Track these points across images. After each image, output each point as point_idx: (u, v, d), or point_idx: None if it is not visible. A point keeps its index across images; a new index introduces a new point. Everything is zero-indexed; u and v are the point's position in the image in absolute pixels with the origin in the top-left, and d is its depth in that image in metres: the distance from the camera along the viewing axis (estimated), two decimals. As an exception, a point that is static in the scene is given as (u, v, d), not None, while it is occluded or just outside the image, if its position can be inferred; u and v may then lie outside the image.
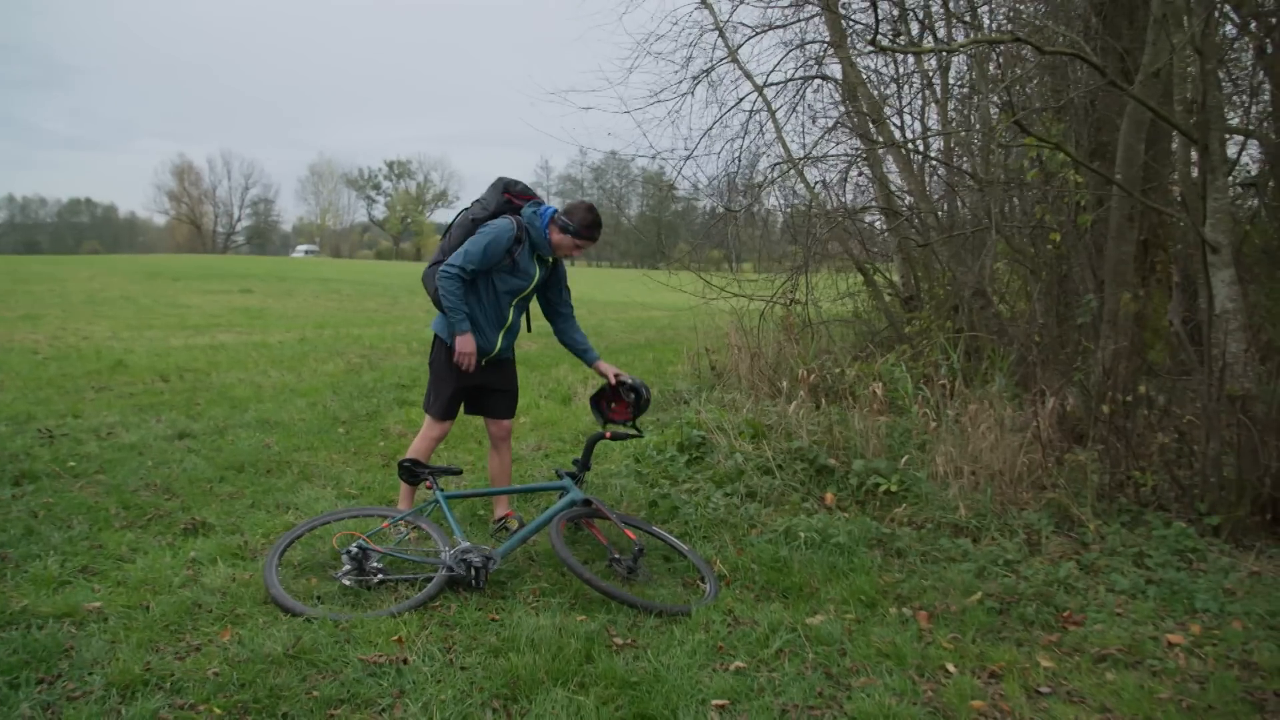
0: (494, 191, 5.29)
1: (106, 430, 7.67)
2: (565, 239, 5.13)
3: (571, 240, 5.13)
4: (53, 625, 3.95)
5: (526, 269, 5.16)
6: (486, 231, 5.04)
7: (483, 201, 5.29)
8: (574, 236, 5.11)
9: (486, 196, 5.31)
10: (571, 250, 5.19)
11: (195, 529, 5.33)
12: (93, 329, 15.88)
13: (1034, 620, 4.28)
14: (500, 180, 5.32)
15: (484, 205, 5.26)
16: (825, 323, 9.69)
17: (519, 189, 5.30)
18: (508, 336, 5.33)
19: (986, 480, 5.58)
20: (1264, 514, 5.18)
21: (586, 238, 5.15)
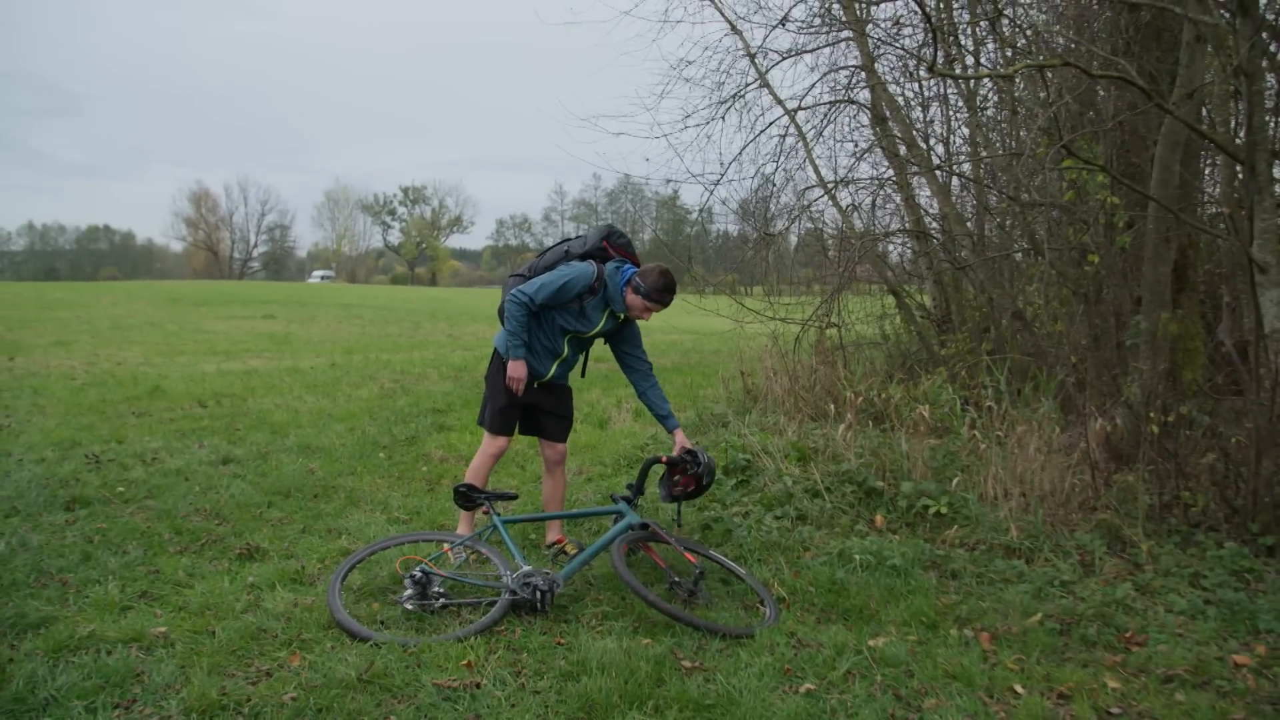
0: (596, 234, 5.46)
1: (151, 455, 7.77)
2: (637, 300, 5.20)
3: (642, 302, 5.20)
4: (121, 650, 4.01)
5: (592, 317, 5.26)
6: (566, 272, 5.17)
7: (584, 239, 5.49)
8: (644, 298, 5.18)
9: (589, 235, 5.49)
10: (643, 312, 5.25)
11: (250, 554, 5.41)
12: (125, 355, 16.05)
13: (1096, 641, 4.30)
14: (606, 226, 5.49)
15: (583, 243, 5.44)
16: (859, 345, 9.74)
17: (619, 242, 5.43)
18: (562, 367, 5.46)
19: (1036, 501, 5.61)
20: (1318, 533, 5.19)
21: (656, 301, 5.20)
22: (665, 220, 76.39)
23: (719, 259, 14.03)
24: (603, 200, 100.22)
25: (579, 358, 5.58)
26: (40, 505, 6.13)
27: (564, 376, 5.56)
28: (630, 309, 5.24)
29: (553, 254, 5.45)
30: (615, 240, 5.40)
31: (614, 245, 5.39)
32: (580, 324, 5.28)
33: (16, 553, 5.22)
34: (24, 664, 3.82)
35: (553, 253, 5.47)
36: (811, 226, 11.37)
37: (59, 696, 3.57)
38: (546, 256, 5.46)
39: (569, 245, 5.47)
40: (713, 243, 16.80)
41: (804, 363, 9.28)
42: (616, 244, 5.40)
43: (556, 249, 5.50)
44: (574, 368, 5.61)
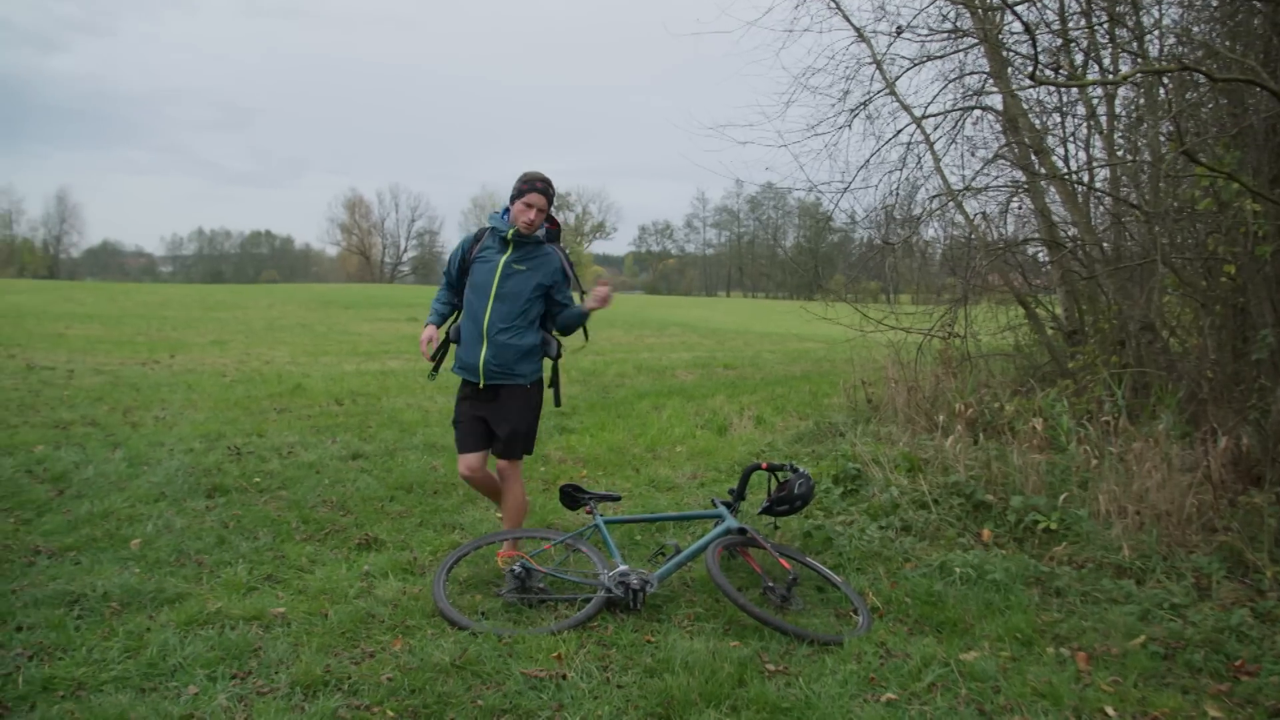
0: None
1: (287, 449, 8.23)
2: (515, 206, 5.18)
3: (517, 205, 5.17)
4: (243, 626, 4.34)
5: (489, 255, 5.24)
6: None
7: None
8: (514, 200, 5.19)
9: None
10: (524, 214, 5.15)
11: (368, 544, 5.71)
12: (274, 354, 16.96)
13: (1202, 668, 4.14)
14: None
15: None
16: (984, 356, 9.53)
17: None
18: (494, 351, 5.16)
19: (1152, 521, 5.42)
20: None
21: (526, 193, 5.16)
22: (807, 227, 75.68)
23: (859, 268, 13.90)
24: (744, 207, 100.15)
25: (509, 326, 5.17)
26: (185, 492, 6.61)
27: (507, 366, 5.21)
28: (514, 222, 5.17)
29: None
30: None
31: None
32: (483, 269, 5.20)
33: (161, 534, 5.67)
34: (159, 633, 4.18)
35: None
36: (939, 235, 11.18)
37: (185, 664, 3.90)
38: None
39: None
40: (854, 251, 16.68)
41: (925, 373, 9.15)
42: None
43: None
44: (520, 352, 5.20)
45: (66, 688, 3.67)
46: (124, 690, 3.67)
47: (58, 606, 4.47)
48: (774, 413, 11.25)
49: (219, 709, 3.54)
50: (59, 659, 3.92)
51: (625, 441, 9.30)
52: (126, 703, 3.54)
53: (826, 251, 21.89)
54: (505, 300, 5.16)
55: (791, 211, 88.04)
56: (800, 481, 5.16)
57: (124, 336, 19.98)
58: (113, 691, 3.65)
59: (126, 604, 4.56)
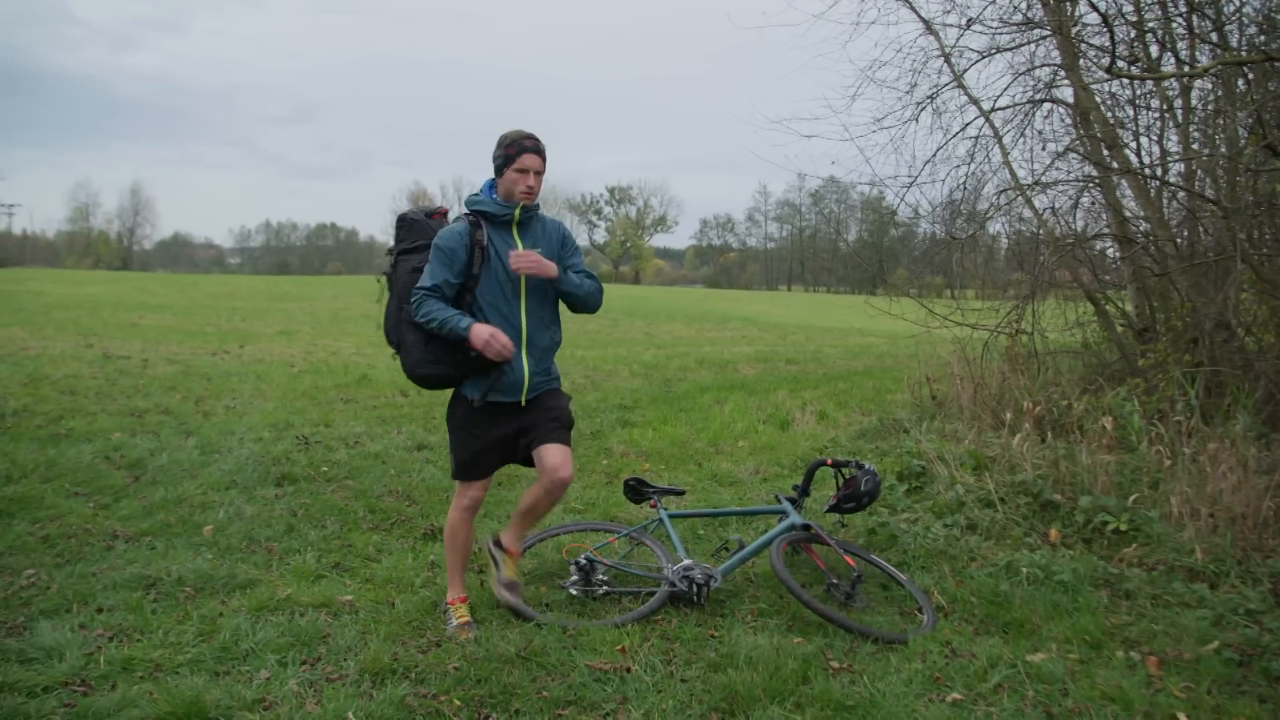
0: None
1: (354, 439, 8.38)
2: (505, 179, 4.27)
3: (509, 173, 4.24)
4: (312, 613, 4.45)
5: (512, 244, 4.30)
6: (436, 240, 4.31)
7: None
8: (506, 168, 4.24)
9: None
10: (523, 181, 4.23)
11: (433, 534, 5.81)
12: (339, 345, 17.25)
13: (1279, 676, 4.06)
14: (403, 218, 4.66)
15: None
16: (1052, 353, 9.38)
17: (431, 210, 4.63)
18: (535, 357, 4.39)
19: (1226, 524, 5.30)
20: None
21: (516, 155, 4.22)
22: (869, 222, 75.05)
23: (922, 262, 13.76)
24: (806, 201, 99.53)
25: (546, 326, 4.43)
26: (255, 480, 6.77)
27: (548, 370, 4.51)
28: (512, 194, 4.25)
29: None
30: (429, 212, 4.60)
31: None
32: (499, 265, 4.27)
33: (233, 521, 5.82)
34: (231, 619, 4.30)
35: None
36: (1007, 230, 11.02)
37: (257, 649, 4.01)
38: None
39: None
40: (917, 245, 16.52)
41: (991, 369, 9.02)
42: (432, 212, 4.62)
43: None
44: (555, 351, 4.55)
45: (145, 669, 3.80)
46: (199, 673, 3.78)
47: (135, 590, 4.63)
48: (837, 408, 11.19)
49: (290, 694, 3.64)
50: (137, 640, 4.06)
51: (687, 435, 9.32)
52: (201, 685, 3.65)
53: (890, 246, 21.66)
54: (535, 295, 4.36)
55: (854, 205, 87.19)
56: (867, 478, 5.13)
57: (194, 327, 20.47)
58: (188, 674, 3.77)
59: (200, 589, 4.71)
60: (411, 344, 4.30)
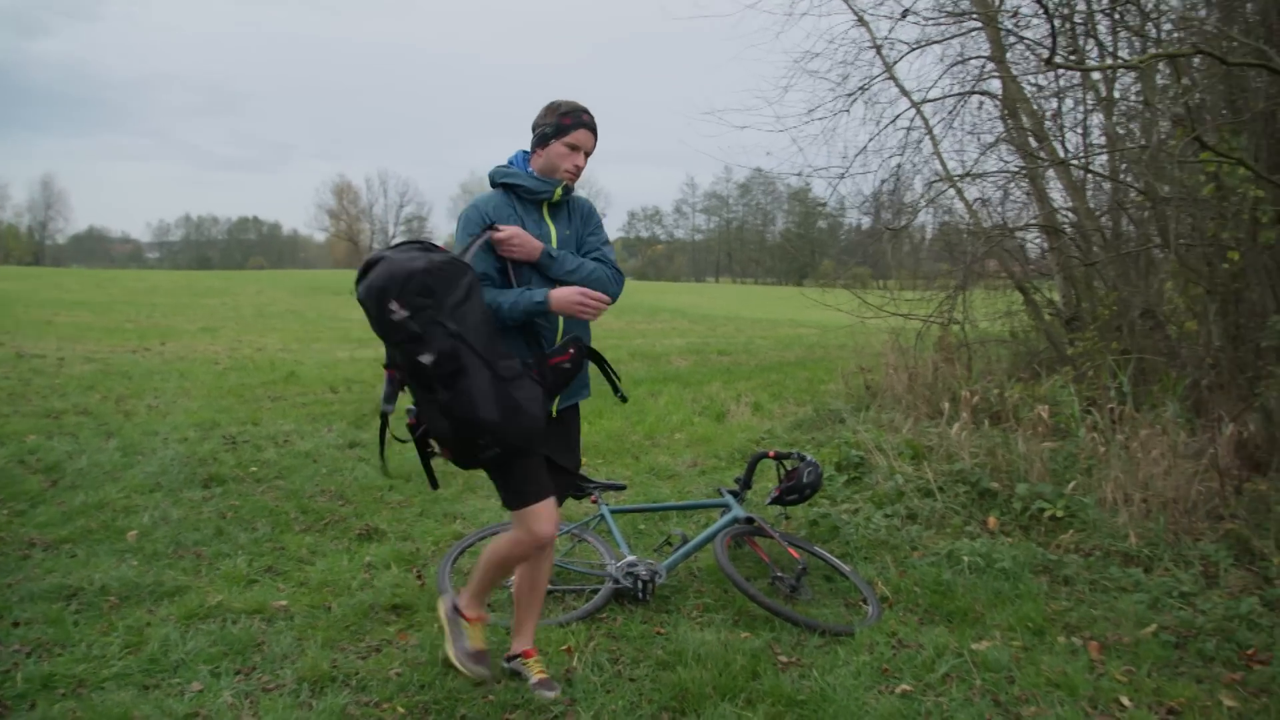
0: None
1: (283, 438, 8.16)
2: (551, 151, 3.54)
3: (558, 147, 3.53)
4: (245, 620, 4.29)
5: (542, 227, 3.57)
6: (465, 214, 3.54)
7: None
8: (555, 140, 3.53)
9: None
10: (570, 159, 3.54)
11: (369, 535, 5.67)
12: (265, 341, 16.86)
13: (1214, 656, 4.12)
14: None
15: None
16: (983, 343, 9.52)
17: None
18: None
19: (1159, 508, 5.40)
20: None
21: (570, 129, 3.52)
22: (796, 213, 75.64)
23: (848, 253, 13.89)
24: (734, 192, 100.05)
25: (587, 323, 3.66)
26: (181, 482, 6.54)
27: (583, 375, 3.84)
28: (555, 170, 3.54)
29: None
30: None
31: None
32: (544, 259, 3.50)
33: (158, 525, 5.61)
34: (159, 628, 4.13)
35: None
36: (937, 221, 11.15)
37: (188, 660, 3.84)
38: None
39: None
40: (844, 236, 16.68)
41: (924, 359, 9.12)
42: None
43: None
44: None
45: (67, 685, 3.61)
46: (126, 687, 3.61)
47: (55, 601, 4.41)
48: (771, 399, 11.22)
49: (224, 706, 3.49)
50: (58, 655, 3.85)
51: (623, 429, 9.26)
52: (129, 700, 3.48)
53: (817, 237, 21.88)
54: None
55: (781, 197, 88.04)
56: (809, 470, 5.12)
57: (113, 324, 19.83)
58: (114, 689, 3.59)
59: (125, 598, 4.50)
60: (524, 399, 3.27)
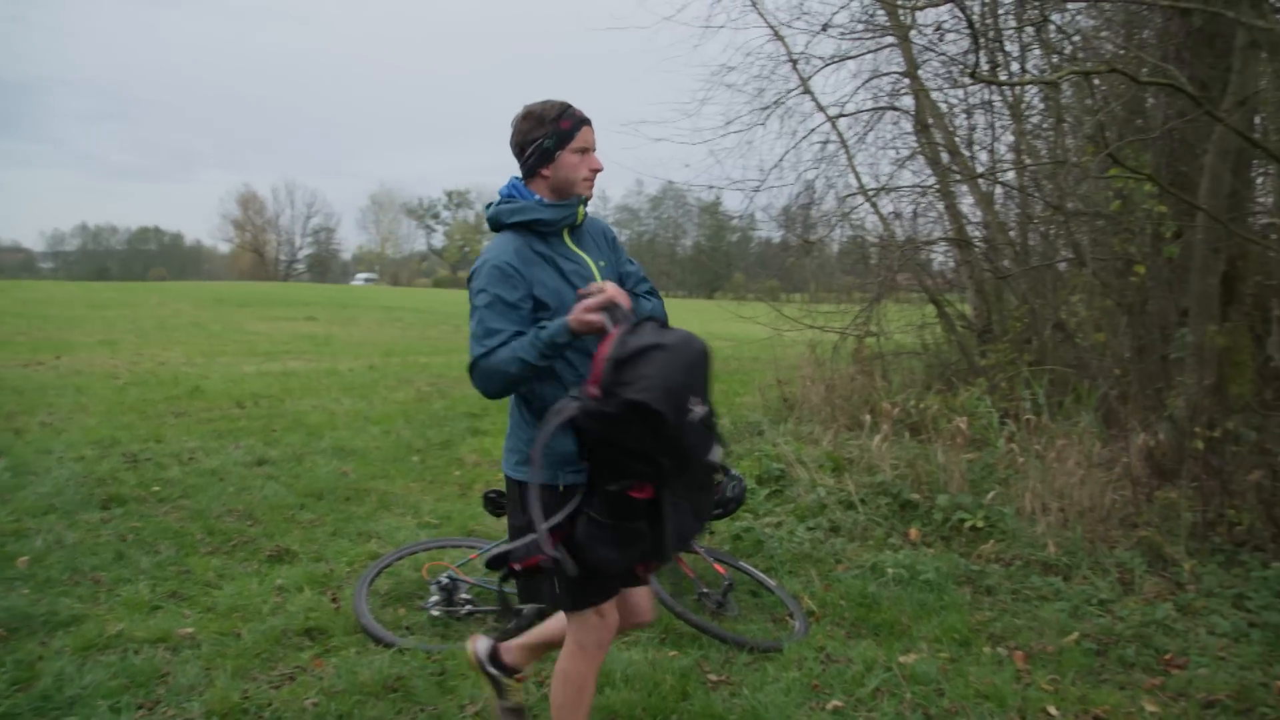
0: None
1: (188, 455, 7.84)
2: (561, 162, 2.90)
3: (566, 157, 2.90)
4: (148, 650, 4.06)
5: (577, 259, 2.97)
6: (479, 275, 2.84)
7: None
8: (559, 149, 2.89)
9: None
10: (583, 168, 2.92)
11: (280, 556, 5.43)
12: (168, 355, 16.24)
13: (1134, 662, 4.18)
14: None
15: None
16: (897, 355, 9.63)
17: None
18: None
19: (1075, 517, 5.49)
20: (1367, 555, 5.02)
21: (569, 129, 2.89)
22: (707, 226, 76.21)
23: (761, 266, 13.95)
24: (645, 205, 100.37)
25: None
26: (77, 503, 6.20)
27: None
28: (571, 186, 2.92)
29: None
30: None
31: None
32: (581, 275, 2.93)
33: (52, 550, 5.29)
34: (53, 661, 3.87)
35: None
36: (853, 234, 11.27)
37: (85, 695, 3.61)
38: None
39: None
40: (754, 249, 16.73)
41: (841, 371, 9.19)
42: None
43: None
44: None
45: (-52, 727, 3.36)
46: (16, 727, 3.37)
47: (-64, 635, 4.12)
48: (688, 412, 11.14)
49: (126, 743, 3.29)
50: (-62, 695, 3.59)
51: (541, 443, 9.11)
52: (20, 741, 3.25)
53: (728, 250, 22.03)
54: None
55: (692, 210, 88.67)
56: (733, 484, 5.05)
57: (2, 335, 18.94)
58: (4, 728, 3.36)
59: (15, 629, 4.21)
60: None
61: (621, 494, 2.54)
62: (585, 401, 2.47)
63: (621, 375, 2.45)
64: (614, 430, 2.43)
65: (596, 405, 2.44)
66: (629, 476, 2.52)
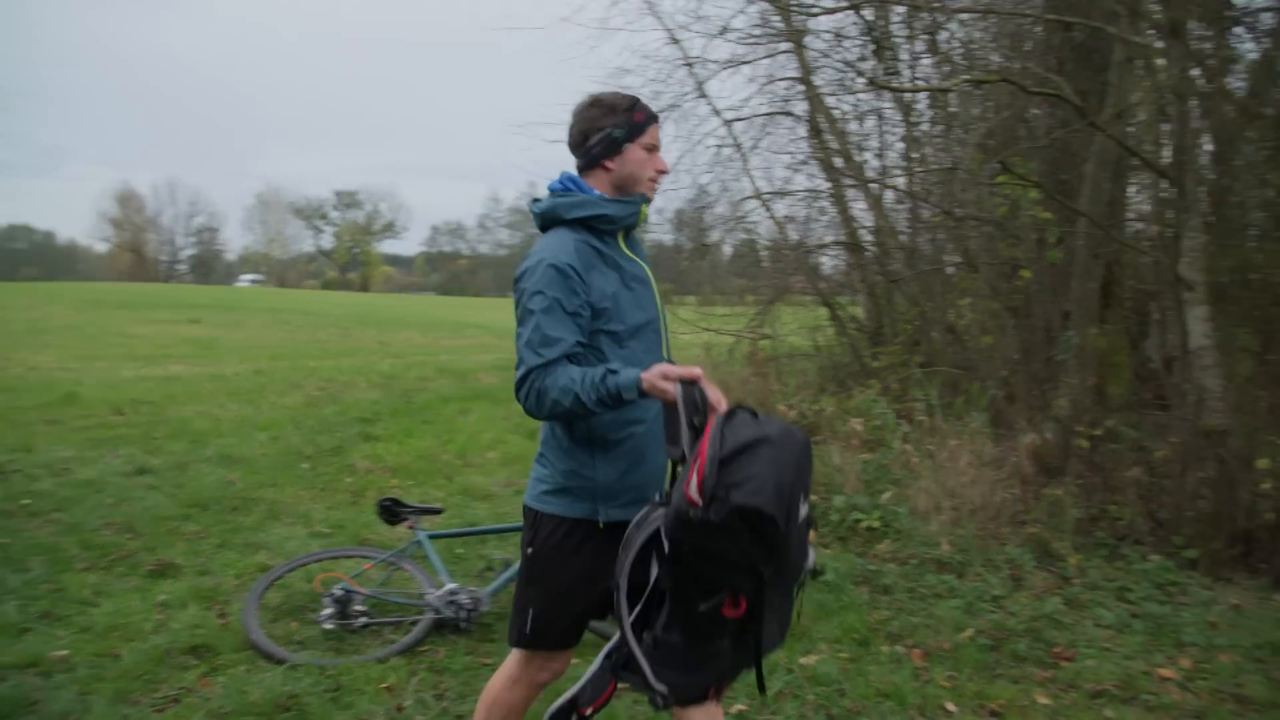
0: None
1: (61, 466, 7.46)
2: (628, 157, 2.67)
3: (634, 152, 2.67)
4: (16, 676, 3.82)
5: (633, 264, 2.74)
6: (533, 275, 2.55)
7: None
8: (631, 140, 2.67)
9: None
10: (649, 162, 2.70)
11: (163, 570, 5.19)
12: (39, 359, 15.46)
13: (1026, 657, 4.28)
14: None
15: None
16: (791, 357, 9.74)
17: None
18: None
19: (967, 515, 5.62)
20: (1239, 547, 5.26)
21: (642, 124, 2.67)
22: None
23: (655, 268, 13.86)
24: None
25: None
26: (-63, 519, 5.83)
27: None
28: (636, 183, 2.69)
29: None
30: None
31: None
32: (641, 294, 2.71)
33: (-91, 570, 4.95)
34: (-92, 692, 3.60)
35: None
36: (747, 237, 11.37)
37: (-58, 729, 3.36)
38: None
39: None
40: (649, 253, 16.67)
41: (737, 374, 9.25)
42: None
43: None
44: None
45: None
46: None
47: None
48: (584, 415, 11.10)
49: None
50: None
51: (434, 448, 8.95)
52: None
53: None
54: (666, 333, 2.87)
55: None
56: None
57: None
58: None
59: None
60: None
61: (713, 611, 2.19)
62: (682, 508, 2.10)
63: (727, 475, 2.08)
64: (717, 541, 2.08)
65: (699, 513, 2.07)
66: (723, 591, 2.17)
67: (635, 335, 2.64)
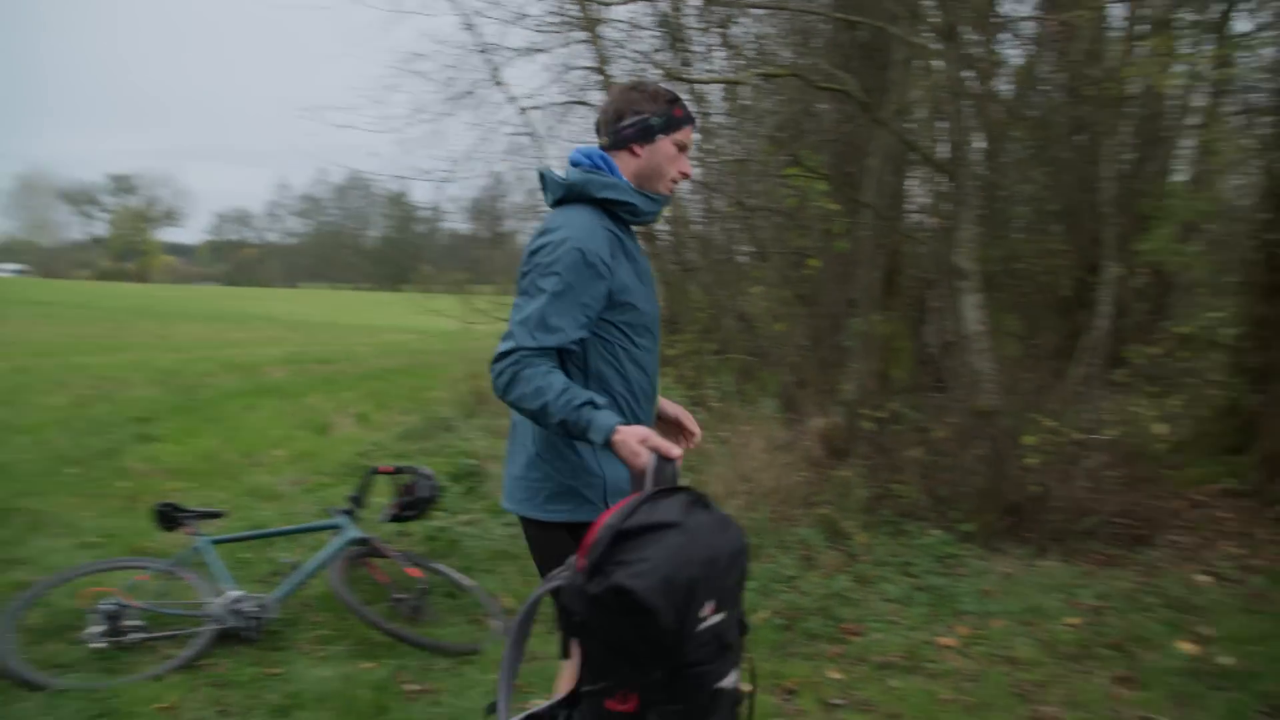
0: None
1: None
2: (659, 149, 2.57)
3: (665, 147, 2.57)
4: None
5: (642, 261, 2.64)
6: (554, 251, 2.41)
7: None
8: (665, 132, 2.56)
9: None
10: (676, 162, 2.60)
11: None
12: None
13: (819, 634, 4.40)
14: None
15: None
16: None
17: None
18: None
19: (761, 499, 5.72)
20: (1009, 519, 5.59)
21: (680, 120, 2.58)
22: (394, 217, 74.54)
23: (449, 257, 13.67)
24: (330, 195, 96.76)
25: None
26: None
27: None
28: (660, 178, 2.59)
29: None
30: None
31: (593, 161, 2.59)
32: (651, 289, 2.65)
33: None
34: None
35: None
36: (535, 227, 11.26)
37: None
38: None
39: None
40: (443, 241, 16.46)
41: (535, 364, 9.14)
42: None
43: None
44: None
45: None
46: None
47: None
48: (376, 409, 10.80)
49: None
50: None
51: (217, 448, 8.43)
52: None
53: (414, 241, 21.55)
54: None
55: (378, 200, 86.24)
56: (425, 483, 4.87)
57: None
58: None
59: None
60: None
61: (596, 700, 1.99)
62: (570, 570, 1.99)
63: (618, 552, 1.93)
64: (596, 618, 1.92)
65: (580, 582, 1.93)
66: (609, 679, 1.97)
67: (647, 331, 2.59)
